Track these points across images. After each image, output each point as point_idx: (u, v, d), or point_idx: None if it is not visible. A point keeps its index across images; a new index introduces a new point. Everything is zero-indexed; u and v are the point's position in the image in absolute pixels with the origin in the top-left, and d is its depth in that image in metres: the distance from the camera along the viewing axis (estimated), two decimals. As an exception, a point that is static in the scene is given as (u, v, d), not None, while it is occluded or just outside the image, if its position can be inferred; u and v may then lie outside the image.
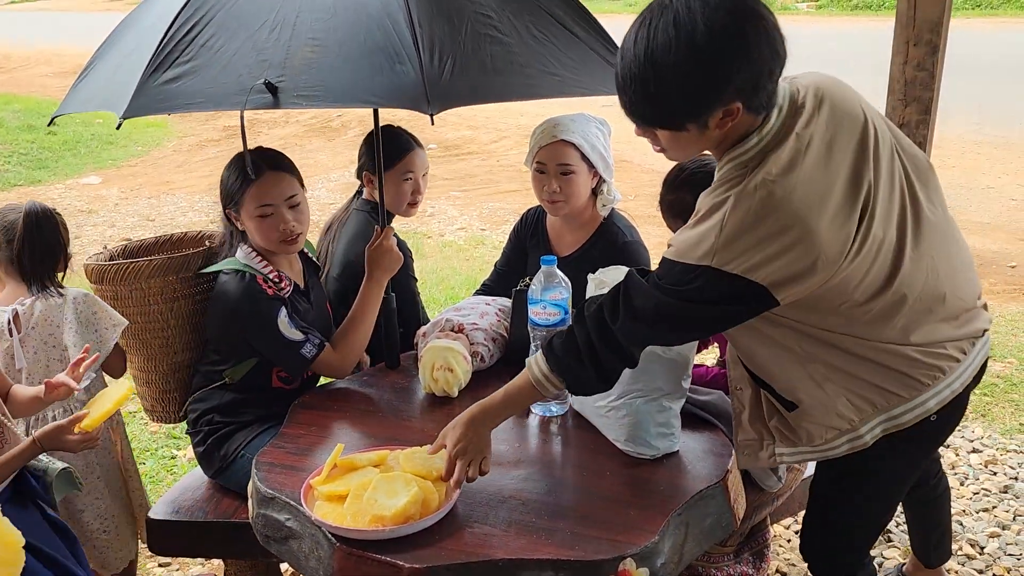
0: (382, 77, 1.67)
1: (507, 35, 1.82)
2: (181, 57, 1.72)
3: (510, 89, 1.84)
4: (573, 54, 1.93)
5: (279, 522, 1.65)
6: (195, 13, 1.76)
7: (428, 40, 1.68)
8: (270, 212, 2.02)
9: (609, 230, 2.30)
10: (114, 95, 1.76)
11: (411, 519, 1.50)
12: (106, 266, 2.14)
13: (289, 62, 1.68)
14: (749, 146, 1.40)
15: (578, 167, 2.19)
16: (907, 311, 1.47)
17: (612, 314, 1.50)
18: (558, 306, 1.84)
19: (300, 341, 2.02)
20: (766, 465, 1.78)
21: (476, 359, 2.07)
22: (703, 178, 1.93)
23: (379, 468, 1.65)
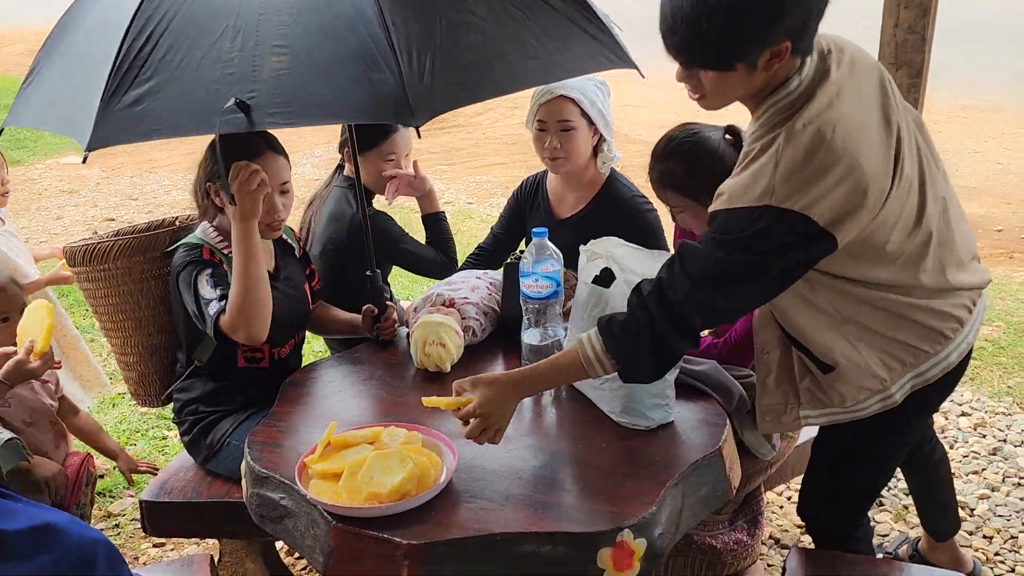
0: (359, 88, 1.59)
1: (484, 19, 1.74)
2: (140, 75, 1.62)
3: (493, 85, 1.74)
4: (553, 31, 1.86)
5: (274, 501, 1.65)
6: (148, 21, 1.64)
7: (404, 41, 1.59)
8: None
9: (613, 187, 2.32)
10: (73, 118, 1.67)
11: (407, 495, 1.49)
12: (76, 248, 2.14)
13: (258, 74, 1.58)
14: (791, 89, 1.44)
15: (578, 123, 2.22)
16: (932, 252, 1.55)
17: (671, 286, 1.48)
18: (550, 278, 1.83)
19: (212, 299, 1.91)
20: (788, 429, 1.81)
21: (468, 334, 2.07)
22: (691, 147, 1.93)
23: (373, 445, 1.64)
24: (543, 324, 1.87)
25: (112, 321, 2.23)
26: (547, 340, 1.89)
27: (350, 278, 2.34)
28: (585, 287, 1.79)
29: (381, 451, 1.60)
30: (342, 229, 2.40)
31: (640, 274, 1.75)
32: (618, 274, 1.74)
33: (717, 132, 1.95)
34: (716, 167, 1.91)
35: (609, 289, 1.73)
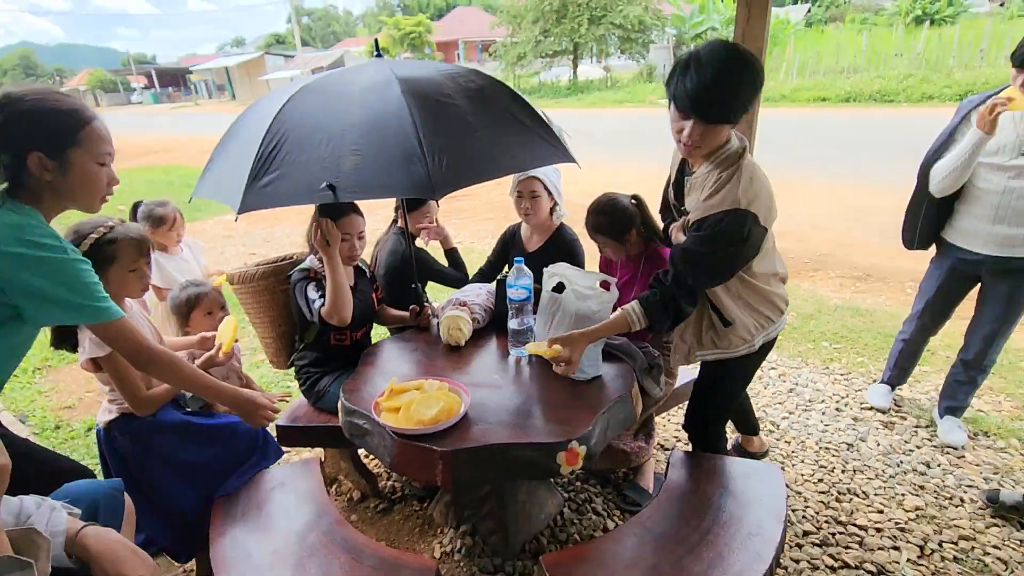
0: (402, 175, 1.58)
1: (481, 131, 1.75)
2: (271, 167, 1.64)
3: (486, 172, 1.71)
4: (523, 138, 1.86)
5: (359, 425, 1.66)
6: (275, 134, 1.67)
7: (430, 145, 1.58)
8: (347, 239, 2.02)
9: (560, 233, 2.33)
10: (230, 193, 1.67)
11: (440, 421, 1.51)
12: (235, 273, 2.18)
13: (341, 168, 1.59)
14: (731, 146, 1.53)
15: (541, 194, 2.24)
16: (772, 247, 1.67)
17: (686, 274, 1.55)
18: (525, 288, 1.85)
19: (316, 298, 1.98)
20: (688, 363, 1.82)
21: (475, 322, 2.08)
22: (612, 207, 1.97)
23: (419, 391, 1.65)
24: (521, 316, 1.89)
25: (257, 317, 2.22)
26: (524, 326, 1.89)
27: (402, 289, 2.35)
28: (547, 294, 1.81)
29: (424, 394, 1.61)
30: (396, 259, 2.41)
31: (581, 284, 1.78)
32: (568, 285, 1.76)
33: (626, 198, 1.99)
34: (625, 219, 1.96)
35: (562, 295, 1.75)
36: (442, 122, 1.67)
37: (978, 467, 2.33)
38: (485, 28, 33.73)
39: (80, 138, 1.24)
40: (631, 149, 10.65)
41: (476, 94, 1.80)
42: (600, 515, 2.16)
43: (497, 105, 1.86)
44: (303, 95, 1.76)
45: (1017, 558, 1.91)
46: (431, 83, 1.75)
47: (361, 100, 1.70)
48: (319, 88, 1.80)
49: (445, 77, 1.80)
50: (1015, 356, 3.11)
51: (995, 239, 2.11)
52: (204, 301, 2.10)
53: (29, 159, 1.20)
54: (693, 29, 21.99)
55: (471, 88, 1.80)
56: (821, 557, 1.94)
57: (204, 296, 2.10)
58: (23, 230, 1.16)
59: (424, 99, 1.68)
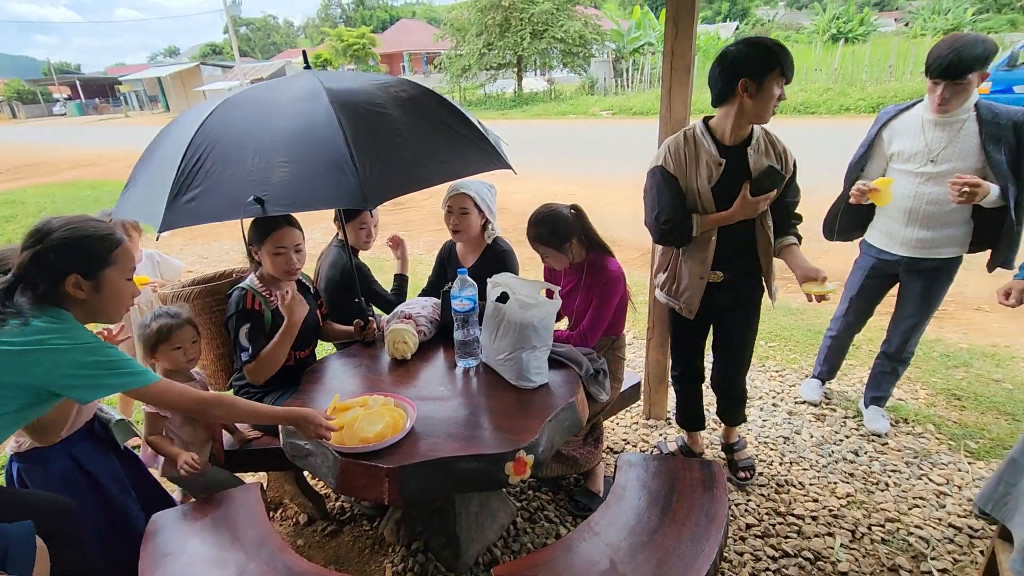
0: (333, 186, 1.55)
1: (412, 139, 1.72)
2: (195, 182, 1.58)
3: (420, 180, 1.70)
4: (457, 146, 1.85)
5: (301, 446, 1.60)
6: (198, 148, 1.61)
7: (361, 155, 1.57)
8: (282, 253, 1.94)
9: (492, 248, 2.28)
10: (151, 211, 1.60)
11: (385, 437, 1.48)
12: (168, 294, 2.06)
13: (270, 181, 1.55)
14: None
15: (471, 210, 2.18)
16: None
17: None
18: (470, 299, 1.84)
19: (246, 348, 1.90)
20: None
21: (421, 335, 2.05)
22: (552, 218, 1.98)
23: (363, 408, 1.61)
24: (467, 327, 1.87)
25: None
26: (470, 337, 1.88)
27: (346, 303, 2.28)
28: (491, 304, 1.80)
29: (368, 411, 1.57)
30: (336, 272, 2.34)
31: (524, 293, 1.79)
32: (511, 294, 1.76)
33: (565, 208, 2.01)
34: (565, 229, 1.98)
35: (505, 305, 1.74)
36: (373, 131, 1.65)
37: (900, 452, 2.48)
38: (429, 40, 33.69)
39: (113, 258, 1.36)
40: (575, 159, 10.86)
41: (408, 103, 1.78)
42: (553, 522, 2.16)
43: (430, 114, 1.84)
44: (227, 108, 1.71)
45: (938, 536, 2.03)
46: (361, 93, 1.72)
47: (289, 111, 1.66)
48: (244, 100, 1.74)
49: (376, 87, 1.78)
50: (928, 347, 3.34)
51: (909, 241, 2.26)
52: (176, 336, 1.85)
53: (67, 281, 1.31)
54: (631, 44, 22.74)
55: (403, 98, 1.78)
56: (763, 548, 2.01)
57: (177, 330, 1.86)
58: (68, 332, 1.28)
59: (354, 109, 1.65)
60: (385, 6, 67.88)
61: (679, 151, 1.88)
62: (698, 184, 1.86)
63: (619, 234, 6.02)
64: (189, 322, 1.89)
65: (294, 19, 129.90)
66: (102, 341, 1.33)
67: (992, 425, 2.62)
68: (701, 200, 1.88)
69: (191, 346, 1.89)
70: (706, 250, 1.93)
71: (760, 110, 1.75)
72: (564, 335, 2.06)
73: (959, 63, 1.94)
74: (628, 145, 11.80)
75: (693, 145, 1.87)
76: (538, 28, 22.63)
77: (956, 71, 1.95)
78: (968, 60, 1.93)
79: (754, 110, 1.76)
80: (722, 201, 1.87)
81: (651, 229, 1.96)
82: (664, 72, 2.13)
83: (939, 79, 2.00)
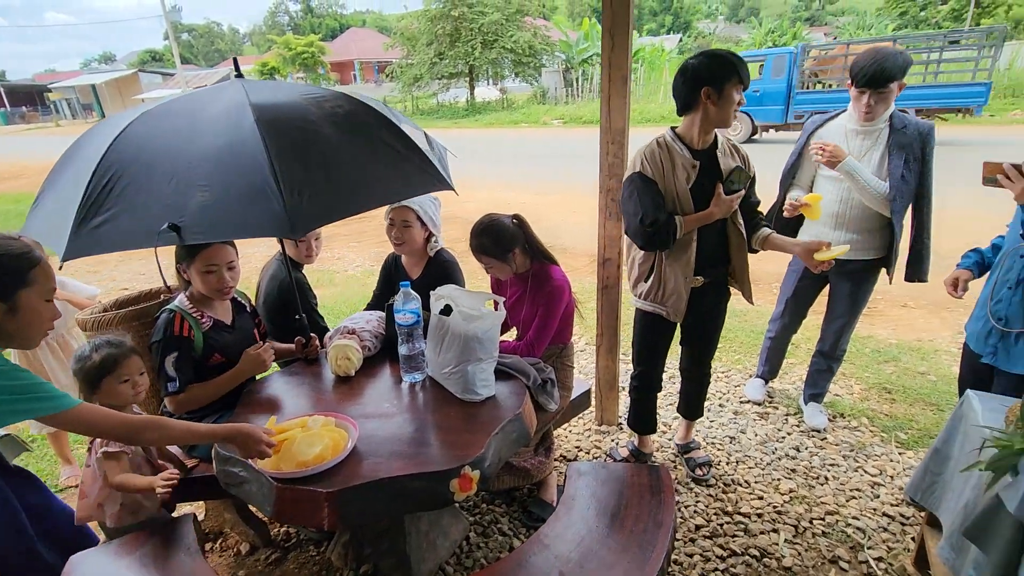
0: (257, 212, 1.44)
1: (347, 161, 1.63)
2: (105, 206, 1.46)
3: (354, 205, 1.60)
4: (396, 167, 1.77)
5: (235, 474, 1.51)
6: (109, 168, 1.48)
7: (287, 180, 1.46)
8: (214, 271, 1.83)
9: (436, 260, 2.24)
10: (56, 236, 1.47)
11: (324, 460, 1.41)
12: (87, 319, 1.89)
13: (187, 206, 1.43)
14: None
15: (414, 223, 2.14)
16: None
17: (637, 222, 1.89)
18: (413, 312, 1.79)
19: (172, 379, 1.79)
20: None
21: (365, 350, 1.99)
22: (494, 228, 1.97)
23: (302, 429, 1.54)
24: (412, 341, 1.83)
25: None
26: (415, 351, 1.83)
27: (287, 318, 2.19)
28: (435, 317, 1.76)
29: (306, 432, 1.50)
30: (275, 286, 2.25)
31: (468, 305, 1.76)
32: (455, 307, 1.73)
33: (507, 218, 2.00)
34: (508, 239, 1.97)
35: (449, 317, 1.71)
36: (302, 153, 1.55)
37: (837, 446, 2.58)
38: (380, 49, 33.35)
39: (31, 278, 1.27)
40: (528, 168, 10.93)
41: (344, 121, 1.69)
42: (507, 535, 2.13)
43: (368, 133, 1.75)
44: (143, 122, 1.58)
45: (874, 526, 2.12)
46: (292, 109, 1.62)
47: (211, 129, 1.54)
48: (162, 114, 1.62)
49: (309, 102, 1.67)
50: (861, 344, 3.51)
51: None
52: (123, 367, 1.65)
53: None
54: (580, 55, 23.16)
55: (338, 114, 1.68)
56: (712, 548, 2.03)
57: (124, 360, 1.65)
58: None
59: (282, 127, 1.55)
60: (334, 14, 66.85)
61: (655, 156, 1.94)
62: (676, 186, 1.92)
63: (571, 241, 6.08)
64: (135, 351, 1.71)
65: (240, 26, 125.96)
66: (13, 364, 1.22)
67: (919, 416, 2.76)
68: (680, 202, 1.93)
69: (140, 378, 1.69)
70: (689, 251, 1.99)
71: (723, 115, 1.84)
72: (511, 346, 2.04)
73: (882, 72, 2.07)
74: (579, 153, 11.97)
75: (667, 150, 1.94)
76: (488, 38, 22.79)
77: (880, 80, 2.08)
78: (890, 70, 2.07)
79: (717, 116, 1.85)
80: (699, 202, 1.94)
81: (636, 235, 1.95)
82: (603, 83, 2.15)
83: (865, 87, 2.12)
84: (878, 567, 1.94)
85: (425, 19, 23.58)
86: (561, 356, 2.17)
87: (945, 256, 2.69)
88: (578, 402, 2.43)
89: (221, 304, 1.93)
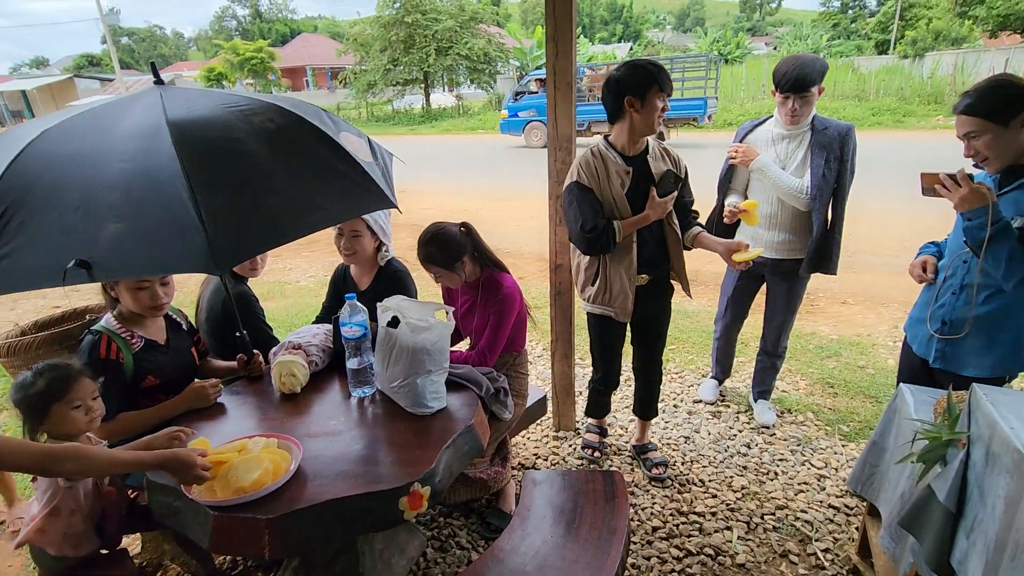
0: (175, 246, 1.30)
1: (281, 183, 1.48)
2: (1, 241, 1.29)
3: (288, 232, 1.46)
4: (337, 186, 1.62)
5: (168, 504, 1.42)
6: (5, 196, 1.31)
7: (209, 210, 1.31)
8: (146, 287, 1.71)
9: (386, 270, 2.18)
10: None
11: (264, 484, 1.34)
12: (2, 344, 1.72)
13: (97, 240, 1.28)
14: None
15: (364, 233, 2.08)
16: None
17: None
18: (360, 325, 1.73)
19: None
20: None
21: (312, 365, 1.91)
22: (441, 237, 1.93)
23: (241, 453, 1.45)
24: (360, 355, 1.77)
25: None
26: (363, 364, 1.77)
27: (230, 334, 2.08)
28: (382, 330, 1.71)
29: (245, 456, 1.42)
30: (219, 301, 2.14)
31: (416, 316, 1.71)
32: (402, 319, 1.68)
33: (455, 227, 1.97)
34: (455, 248, 1.94)
35: (396, 330, 1.66)
36: (227, 177, 1.41)
37: (785, 441, 2.65)
38: (333, 55, 32.75)
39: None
40: (484, 174, 10.92)
41: (276, 137, 1.54)
42: (465, 548, 2.09)
43: (300, 149, 1.61)
44: (47, 140, 1.41)
45: (820, 518, 2.18)
46: (215, 125, 1.47)
47: (123, 150, 1.38)
48: (68, 132, 1.44)
49: (236, 116, 1.52)
50: (805, 341, 3.63)
51: (771, 244, 2.46)
52: (75, 390, 1.48)
53: None
54: (534, 62, 23.39)
55: (269, 130, 1.54)
56: (668, 550, 2.05)
57: (74, 383, 1.48)
58: None
59: (203, 149, 1.41)
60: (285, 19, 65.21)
61: (590, 165, 2.01)
62: (612, 193, 2.00)
63: (527, 247, 6.09)
64: (85, 373, 1.54)
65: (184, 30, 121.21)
66: None
67: (860, 408, 2.88)
68: (617, 207, 2.01)
69: (94, 403, 1.52)
70: (630, 253, 2.06)
71: (647, 122, 1.92)
72: (463, 356, 2.01)
73: (804, 78, 2.18)
74: (536, 159, 12.05)
75: (601, 159, 2.01)
76: (443, 45, 22.73)
77: (802, 85, 2.20)
78: (811, 75, 2.18)
79: (642, 123, 1.92)
80: (635, 206, 2.02)
81: (578, 241, 2.03)
82: (548, 91, 2.15)
83: (788, 92, 2.23)
84: (825, 558, 1.99)
85: (378, 25, 23.32)
86: (515, 364, 2.15)
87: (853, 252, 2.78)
88: (534, 409, 2.41)
89: (153, 322, 1.82)
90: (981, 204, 1.53)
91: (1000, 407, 1.14)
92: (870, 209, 6.48)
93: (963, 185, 1.55)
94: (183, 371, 1.87)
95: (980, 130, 1.57)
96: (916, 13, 30.34)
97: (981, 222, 1.53)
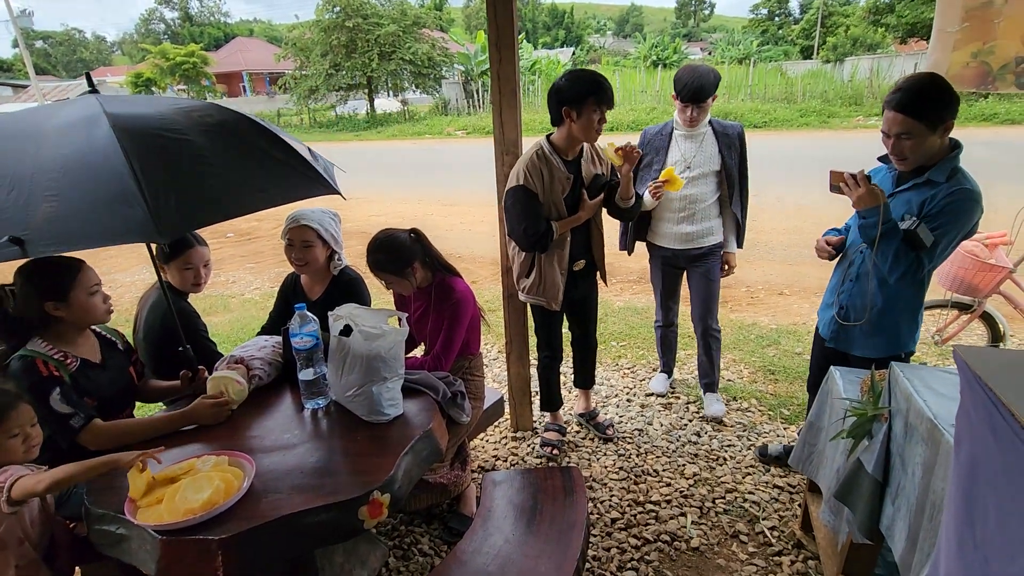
0: (116, 218, 1.33)
1: (220, 166, 1.55)
2: None
3: (231, 209, 1.54)
4: (274, 173, 1.70)
5: (111, 532, 1.34)
6: None
7: (151, 184, 1.36)
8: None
9: (340, 279, 2.15)
10: None
11: (215, 504, 1.29)
12: None
13: (31, 218, 1.30)
14: None
15: (315, 243, 2.04)
16: None
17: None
18: (311, 335, 1.70)
19: (67, 414, 1.55)
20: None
21: (255, 380, 1.83)
22: (391, 243, 1.93)
23: (189, 474, 1.39)
24: (312, 365, 1.73)
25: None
26: (317, 375, 1.74)
27: (172, 352, 1.99)
28: (334, 339, 1.68)
29: (192, 476, 1.37)
30: (156, 317, 2.04)
31: (369, 324, 1.69)
32: (354, 327, 1.66)
33: (404, 233, 1.96)
34: (405, 254, 1.93)
35: (349, 338, 1.64)
36: (168, 159, 1.46)
37: (732, 428, 2.78)
38: (271, 60, 31.73)
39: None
40: (433, 179, 10.86)
41: (215, 129, 1.61)
42: (427, 555, 2.08)
43: (241, 140, 1.67)
44: None
45: (766, 498, 2.30)
46: (154, 119, 1.52)
47: (58, 141, 1.40)
48: None
49: (176, 112, 1.58)
50: (747, 331, 3.82)
51: (680, 237, 2.64)
52: (11, 419, 1.37)
53: None
54: (479, 67, 23.44)
55: (209, 123, 1.61)
56: (627, 540, 2.10)
57: (11, 411, 1.37)
58: None
59: (143, 135, 1.45)
60: (217, 23, 62.73)
61: (537, 169, 2.13)
62: (554, 197, 2.15)
63: (479, 250, 6.11)
64: (23, 398, 1.42)
65: (107, 34, 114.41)
66: None
67: (798, 393, 3.05)
68: (556, 209, 2.18)
69: (32, 430, 1.42)
70: (564, 248, 2.25)
71: (584, 132, 2.04)
72: (418, 362, 2.00)
73: (702, 89, 2.38)
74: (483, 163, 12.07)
75: (545, 164, 2.13)
76: (386, 50, 22.45)
77: (700, 96, 2.39)
78: (708, 88, 2.37)
79: (579, 132, 2.04)
80: (571, 207, 2.22)
81: (519, 240, 2.21)
82: (493, 96, 2.19)
83: (688, 102, 2.43)
84: (772, 536, 2.10)
85: (318, 29, 22.77)
86: (470, 367, 2.16)
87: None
88: (492, 411, 2.43)
89: (85, 340, 1.72)
90: (874, 204, 1.68)
91: (914, 382, 1.25)
92: (802, 206, 6.87)
93: (861, 185, 1.70)
94: (121, 391, 1.78)
95: (914, 132, 1.65)
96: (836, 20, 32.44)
97: (874, 221, 1.69)
